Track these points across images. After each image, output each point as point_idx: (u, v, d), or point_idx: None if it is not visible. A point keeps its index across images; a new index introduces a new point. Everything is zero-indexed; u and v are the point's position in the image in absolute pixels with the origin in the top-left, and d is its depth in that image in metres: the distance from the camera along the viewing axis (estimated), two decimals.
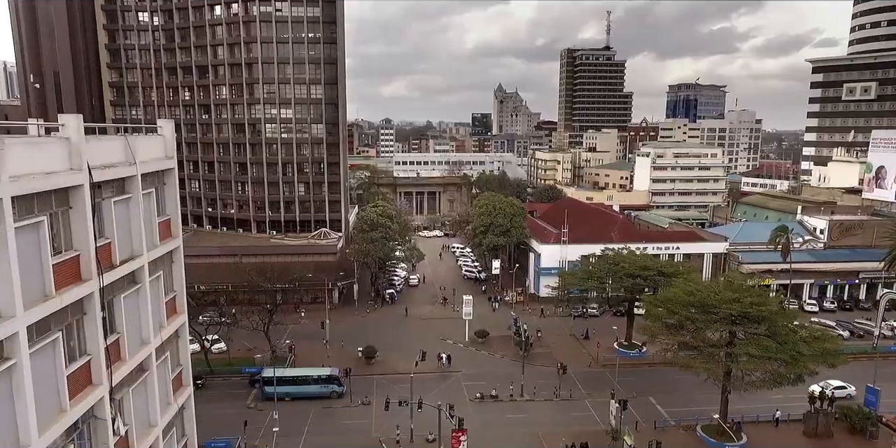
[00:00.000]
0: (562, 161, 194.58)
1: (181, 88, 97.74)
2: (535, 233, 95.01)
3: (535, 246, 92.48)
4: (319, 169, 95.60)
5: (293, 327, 78.27)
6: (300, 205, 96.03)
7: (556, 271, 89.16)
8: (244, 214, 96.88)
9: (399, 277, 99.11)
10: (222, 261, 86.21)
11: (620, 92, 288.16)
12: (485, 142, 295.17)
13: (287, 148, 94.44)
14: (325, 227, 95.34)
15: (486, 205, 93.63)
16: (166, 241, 23.14)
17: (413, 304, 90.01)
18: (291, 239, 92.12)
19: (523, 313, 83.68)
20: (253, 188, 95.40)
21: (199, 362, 64.15)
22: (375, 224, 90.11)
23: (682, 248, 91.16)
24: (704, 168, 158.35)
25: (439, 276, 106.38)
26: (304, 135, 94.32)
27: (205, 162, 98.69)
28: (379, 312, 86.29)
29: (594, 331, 75.91)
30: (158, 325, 22.39)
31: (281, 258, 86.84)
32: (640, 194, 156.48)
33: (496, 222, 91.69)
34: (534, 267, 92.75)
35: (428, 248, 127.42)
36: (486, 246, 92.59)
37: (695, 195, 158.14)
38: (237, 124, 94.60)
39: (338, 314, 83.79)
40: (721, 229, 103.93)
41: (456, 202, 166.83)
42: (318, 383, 57.94)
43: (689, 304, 48.62)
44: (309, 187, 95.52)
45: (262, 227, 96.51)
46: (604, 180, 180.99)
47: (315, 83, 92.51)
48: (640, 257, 69.83)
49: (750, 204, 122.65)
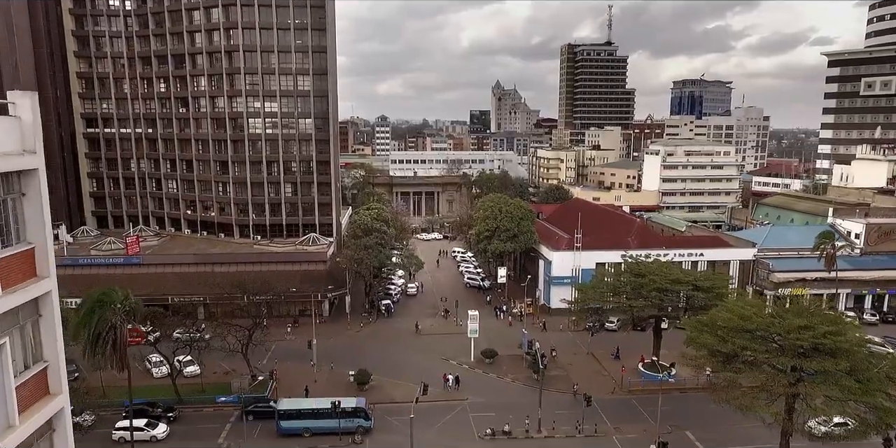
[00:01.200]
0: (565, 159, 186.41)
1: (156, 80, 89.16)
2: (544, 238, 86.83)
3: (545, 252, 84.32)
4: (308, 168, 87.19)
5: (278, 344, 70.06)
6: (287, 207, 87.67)
7: (568, 281, 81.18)
8: (226, 218, 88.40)
9: (396, 286, 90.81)
10: (199, 269, 77.80)
11: (623, 88, 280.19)
12: (483, 140, 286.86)
13: (272, 145, 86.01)
14: (314, 231, 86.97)
15: (490, 207, 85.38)
16: (23, 285, 14.55)
17: (411, 316, 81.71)
18: (277, 245, 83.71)
19: (533, 327, 75.56)
20: (235, 189, 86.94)
21: (168, 390, 56.16)
22: (369, 229, 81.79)
23: (707, 255, 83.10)
24: (717, 167, 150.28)
25: (439, 285, 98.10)
26: (290, 130, 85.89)
27: (182, 160, 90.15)
28: (374, 327, 77.99)
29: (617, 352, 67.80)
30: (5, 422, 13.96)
31: (264, 267, 78.59)
32: (650, 194, 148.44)
33: (502, 226, 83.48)
34: (544, 276, 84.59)
35: (426, 252, 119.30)
36: (491, 252, 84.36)
37: (707, 195, 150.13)
38: (217, 119, 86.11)
39: (328, 329, 75.54)
40: (745, 233, 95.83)
41: (455, 203, 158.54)
42: (341, 416, 49.78)
43: (743, 331, 40.47)
44: (296, 188, 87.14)
45: (245, 231, 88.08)
46: (609, 180, 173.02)
47: (302, 74, 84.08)
48: (669, 267, 61.57)
49: (772, 205, 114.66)
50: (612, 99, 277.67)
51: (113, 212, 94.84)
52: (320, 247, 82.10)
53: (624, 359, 65.02)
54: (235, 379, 57.81)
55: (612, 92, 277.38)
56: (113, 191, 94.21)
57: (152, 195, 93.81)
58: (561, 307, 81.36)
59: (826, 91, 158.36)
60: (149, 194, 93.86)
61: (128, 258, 76.16)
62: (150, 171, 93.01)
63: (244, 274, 76.57)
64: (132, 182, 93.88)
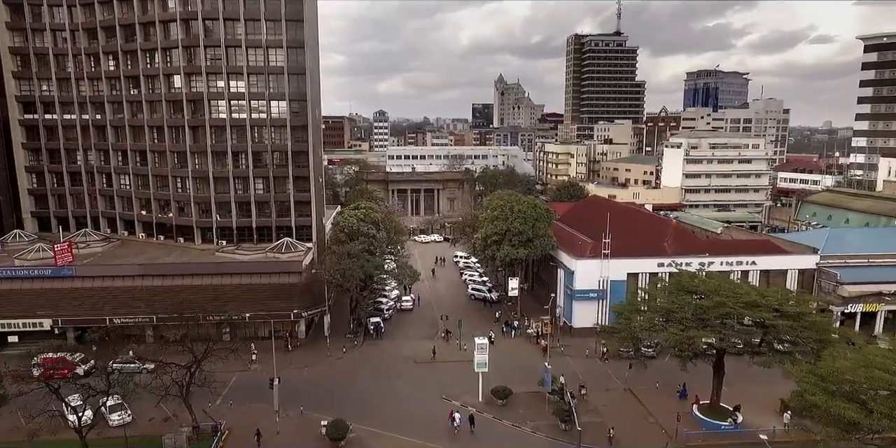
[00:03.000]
0: (576, 154, 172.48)
1: (104, 56, 75.26)
2: (562, 243, 72.98)
3: (566, 260, 70.50)
4: (282, 160, 73.39)
5: (240, 377, 56.45)
6: (257, 207, 73.83)
7: (594, 295, 67.55)
8: (185, 219, 74.57)
9: (388, 300, 76.99)
10: (147, 283, 64.13)
11: (632, 80, 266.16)
12: (486, 135, 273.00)
13: (239, 132, 72.16)
14: (290, 235, 73.19)
15: (499, 206, 71.52)
16: None
17: (406, 337, 67.99)
18: (244, 252, 69.87)
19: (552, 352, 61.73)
20: (195, 185, 73.11)
21: None
22: (355, 232, 68.05)
23: (760, 264, 69.26)
24: (745, 161, 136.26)
25: (439, 296, 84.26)
26: (260, 115, 72.06)
27: (135, 151, 76.33)
28: (360, 351, 64.19)
29: (659, 384, 54.01)
30: None
31: (226, 279, 64.88)
32: (672, 192, 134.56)
33: (513, 229, 69.64)
34: (564, 288, 70.76)
35: (424, 256, 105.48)
36: (500, 260, 70.47)
37: (734, 192, 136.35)
38: (173, 101, 72.28)
39: (303, 356, 61.87)
40: (797, 236, 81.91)
41: (457, 201, 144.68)
42: None
43: (890, 391, 26.67)
44: (268, 184, 73.28)
45: (208, 235, 74.26)
46: (624, 176, 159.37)
47: (275, 46, 70.20)
48: (734, 284, 47.59)
49: (819, 203, 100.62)
50: (621, 92, 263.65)
51: (57, 213, 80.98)
52: (295, 254, 68.29)
53: (664, 392, 51.41)
54: (170, 434, 43.97)
55: (621, 84, 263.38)
56: (56, 188, 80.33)
57: (102, 193, 79.98)
58: (585, 326, 67.89)
59: (862, 78, 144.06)
60: (98, 192, 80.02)
61: (57, 270, 62.34)
62: (99, 165, 79.14)
63: (199, 289, 63.02)
64: (78, 177, 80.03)
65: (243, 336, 64.69)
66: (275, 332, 65.41)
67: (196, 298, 60.52)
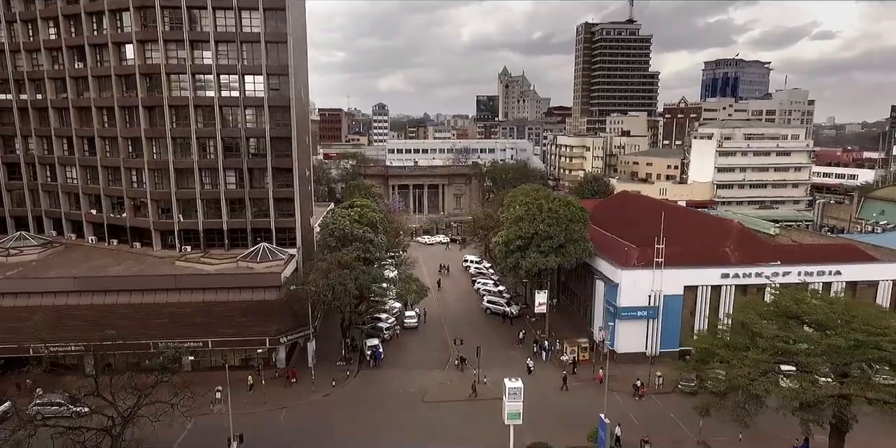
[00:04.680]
0: (592, 147, 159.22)
1: (42, 21, 62.03)
2: (599, 248, 59.81)
3: (606, 270, 57.44)
4: (259, 147, 60.30)
5: (198, 423, 43.47)
6: (229, 205, 60.77)
7: (643, 314, 54.64)
8: (142, 220, 61.54)
9: (388, 316, 63.99)
10: (86, 300, 51.14)
11: (646, 71, 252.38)
12: (491, 128, 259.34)
13: (205, 113, 59.08)
14: (269, 239, 60.27)
15: (525, 203, 58.33)
16: None
17: (410, 365, 55.01)
18: (212, 260, 56.81)
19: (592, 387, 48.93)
20: (153, 178, 60.05)
21: None
22: (348, 237, 55.08)
23: (845, 273, 56.16)
24: (783, 153, 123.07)
25: (448, 310, 71.23)
26: (231, 92, 58.95)
27: (82, 137, 63.30)
28: (353, 385, 51.31)
29: (742, 435, 40.94)
30: None
31: (185, 296, 51.82)
32: (702, 187, 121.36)
33: (542, 231, 56.44)
34: (604, 304, 57.69)
35: (429, 260, 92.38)
36: (527, 270, 57.28)
37: (770, 188, 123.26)
38: (125, 76, 59.19)
39: (280, 392, 48.91)
40: (879, 239, 68.79)
41: (465, 198, 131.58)
42: None
43: None
44: (242, 177, 60.20)
45: (169, 239, 61.27)
46: (644, 170, 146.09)
47: (249, 8, 57.07)
48: (871, 313, 34.34)
49: (887, 199, 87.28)
50: (634, 83, 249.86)
51: None
52: (274, 263, 55.20)
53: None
54: None
55: (634, 75, 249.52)
56: None
57: (46, 188, 66.88)
58: (631, 351, 54.91)
59: None
60: (41, 186, 66.88)
61: None
62: (41, 154, 66.05)
63: (148, 309, 50.10)
64: (17, 169, 66.93)
65: (207, 366, 51.95)
66: (247, 358, 52.66)
67: (140, 322, 47.76)
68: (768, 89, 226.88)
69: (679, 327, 55.97)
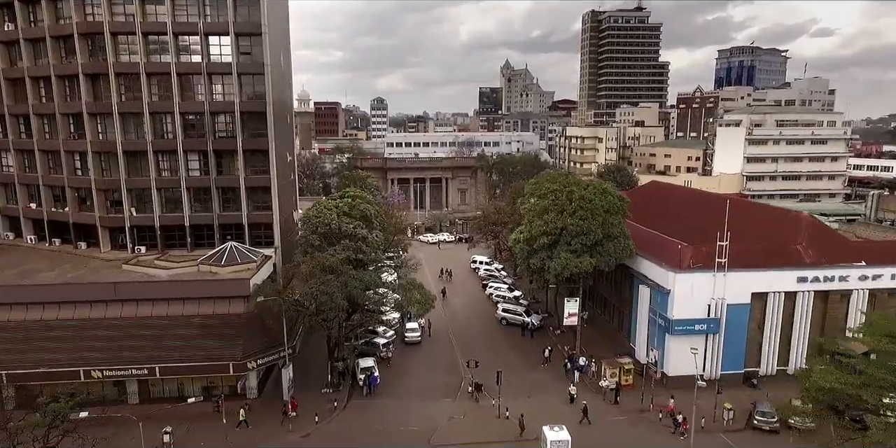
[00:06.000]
0: (605, 138, 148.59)
1: None
2: (640, 246, 49.10)
3: (653, 273, 46.83)
4: (227, 125, 49.60)
5: None
6: (193, 196, 50.11)
7: (702, 328, 44.06)
8: (87, 215, 50.83)
9: (386, 328, 53.41)
10: (6, 316, 40.62)
11: (655, 61, 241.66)
12: (495, 121, 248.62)
13: (160, 83, 48.40)
14: (239, 238, 49.68)
15: (552, 192, 47.54)
16: None
17: (413, 393, 44.39)
18: (168, 264, 46.14)
19: (644, 420, 38.55)
20: (99, 163, 49.35)
21: None
22: (334, 233, 44.48)
23: None
24: (819, 142, 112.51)
25: (456, 320, 60.60)
26: (192, 57, 48.28)
27: (16, 115, 52.51)
28: (341, 421, 40.71)
29: None
30: None
31: (129, 309, 41.26)
32: (730, 179, 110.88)
33: (573, 227, 45.72)
34: (649, 315, 47.08)
35: (433, 261, 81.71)
36: (557, 274, 46.51)
37: (804, 180, 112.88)
38: (63, 38, 48.41)
39: (247, 434, 38.26)
40: None
41: (470, 192, 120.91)
42: None
43: None
44: (207, 161, 49.50)
45: (119, 238, 50.60)
46: (662, 162, 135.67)
47: None
48: None
49: None
50: (643, 74, 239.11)
51: None
52: (242, 267, 44.53)
53: None
54: None
55: (643, 66, 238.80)
56: None
57: None
58: (685, 374, 44.33)
59: None
60: None
61: None
62: None
63: (84, 326, 39.66)
64: None
65: (159, 396, 41.49)
66: (210, 387, 42.16)
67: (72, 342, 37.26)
68: (785, 78, 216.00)
69: (744, 344, 45.49)
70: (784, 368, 46.24)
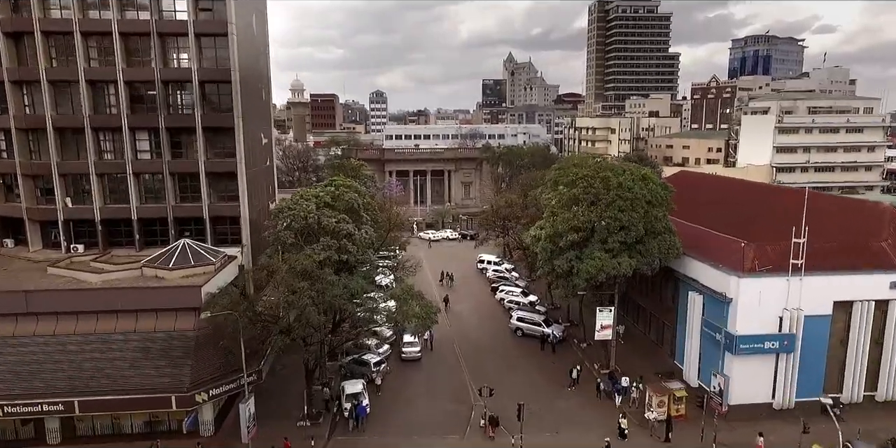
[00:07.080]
0: (618, 129, 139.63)
1: None
2: (689, 245, 40.05)
3: (706, 278, 37.83)
4: (185, 96, 40.67)
5: None
6: (141, 183, 41.21)
7: (773, 347, 35.09)
8: (13, 206, 41.98)
9: (380, 342, 44.55)
10: None
11: (665, 52, 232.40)
12: (499, 114, 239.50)
13: (100, 45, 39.53)
14: (201, 234, 40.82)
15: (583, 177, 38.44)
16: None
17: (412, 427, 35.42)
18: (106, 266, 37.31)
19: None
20: (25, 143, 40.46)
21: None
22: (313, 228, 35.63)
23: None
24: (854, 130, 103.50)
25: (463, 331, 51.58)
26: (139, 13, 39.39)
27: None
28: None
29: None
30: None
31: (48, 324, 32.44)
32: (758, 171, 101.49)
33: (609, 220, 36.74)
34: (703, 327, 38.07)
35: (434, 260, 72.68)
36: (589, 278, 37.42)
37: (839, 171, 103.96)
38: None
39: None
40: None
41: (475, 185, 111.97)
42: None
43: None
44: (159, 141, 40.56)
45: (52, 234, 41.74)
46: (680, 154, 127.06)
47: None
48: None
49: None
50: (653, 65, 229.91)
51: None
52: (196, 270, 35.57)
53: None
54: None
55: (653, 57, 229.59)
56: None
57: None
58: (751, 403, 35.47)
59: None
60: None
61: None
62: None
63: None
64: None
65: (87, 434, 32.67)
66: (152, 422, 33.29)
67: None
68: (802, 69, 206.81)
69: (824, 365, 36.56)
70: (871, 394, 37.43)
